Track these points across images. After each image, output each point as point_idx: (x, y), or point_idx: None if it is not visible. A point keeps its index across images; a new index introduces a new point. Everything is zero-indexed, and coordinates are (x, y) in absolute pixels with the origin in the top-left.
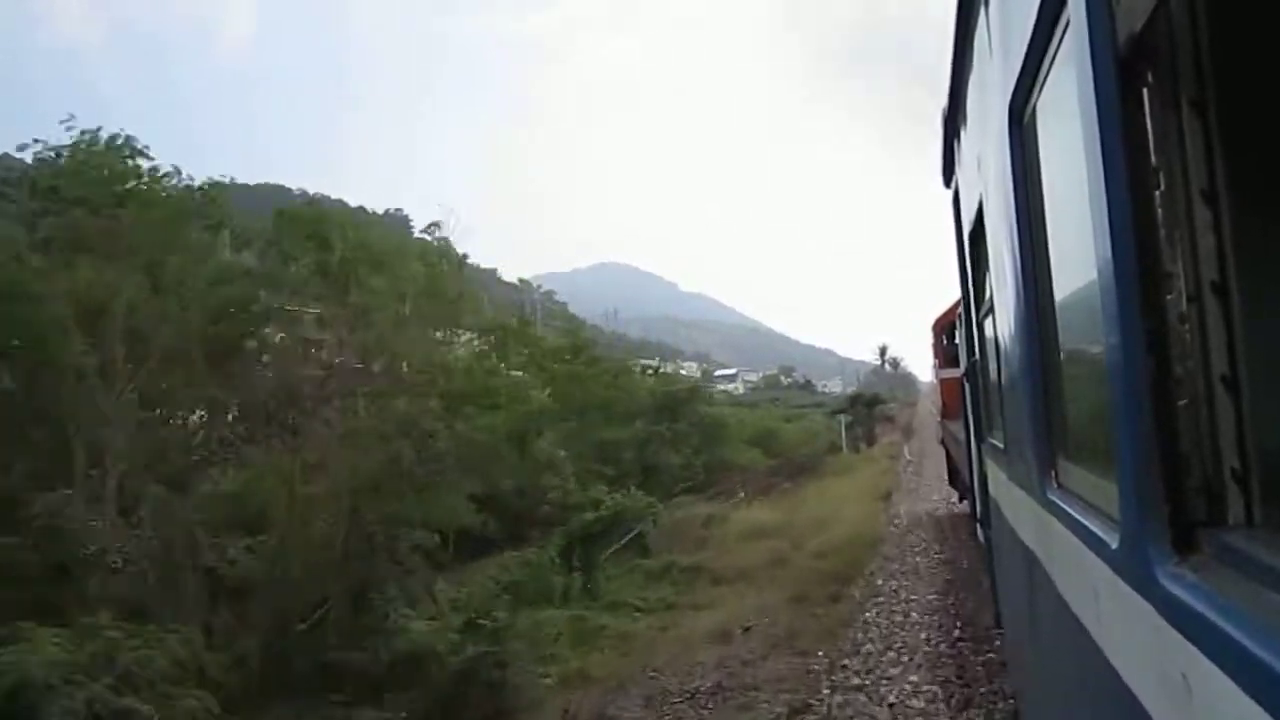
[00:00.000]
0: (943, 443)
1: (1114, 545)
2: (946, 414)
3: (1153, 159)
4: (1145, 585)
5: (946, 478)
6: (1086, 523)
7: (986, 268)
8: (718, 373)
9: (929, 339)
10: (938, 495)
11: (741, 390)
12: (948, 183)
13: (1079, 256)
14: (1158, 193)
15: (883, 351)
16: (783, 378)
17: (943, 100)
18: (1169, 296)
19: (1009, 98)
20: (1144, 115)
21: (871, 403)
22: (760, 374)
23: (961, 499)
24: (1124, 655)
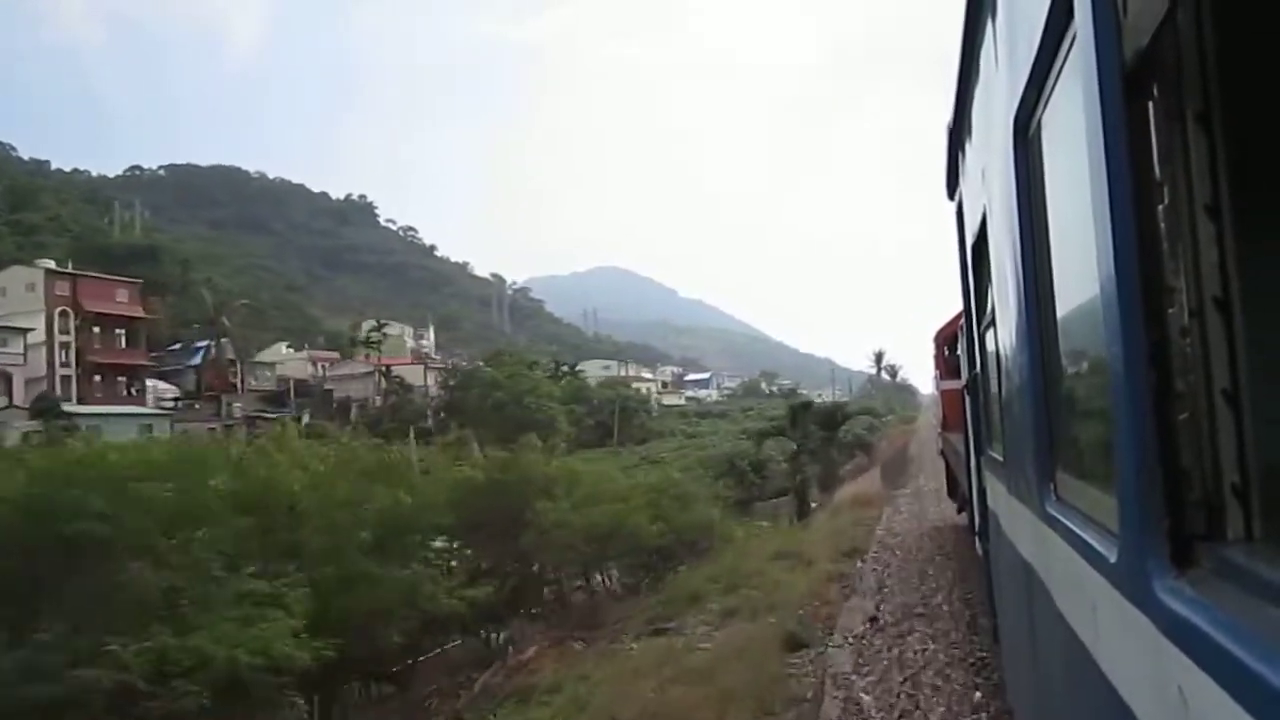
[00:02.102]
0: (942, 454)
1: (1112, 559)
2: (947, 426)
3: (1157, 173)
4: (1143, 599)
5: (946, 490)
6: (1085, 536)
7: (989, 280)
8: (689, 377)
9: (931, 350)
10: None
11: (716, 396)
12: (951, 195)
13: (1082, 269)
14: (1161, 207)
15: (879, 358)
16: (764, 384)
17: (948, 112)
18: (1171, 310)
19: (1014, 111)
20: (1149, 129)
21: (830, 422)
22: (742, 379)
23: (960, 511)
24: (1121, 669)
